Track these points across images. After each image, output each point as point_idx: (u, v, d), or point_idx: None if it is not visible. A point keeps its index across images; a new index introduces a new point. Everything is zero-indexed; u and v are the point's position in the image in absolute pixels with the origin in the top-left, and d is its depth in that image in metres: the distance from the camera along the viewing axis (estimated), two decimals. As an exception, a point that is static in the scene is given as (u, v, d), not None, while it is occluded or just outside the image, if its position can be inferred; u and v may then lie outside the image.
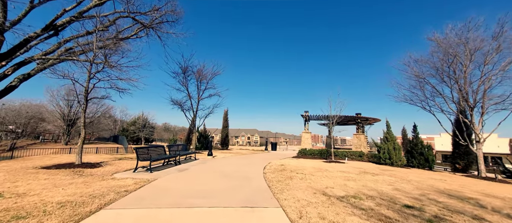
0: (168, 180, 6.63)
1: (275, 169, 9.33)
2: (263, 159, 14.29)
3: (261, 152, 20.63)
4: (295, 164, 11.45)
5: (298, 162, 12.90)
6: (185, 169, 8.73)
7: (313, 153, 17.46)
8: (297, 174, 8.29)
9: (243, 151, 21.78)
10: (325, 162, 13.00)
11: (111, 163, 9.48)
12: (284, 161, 13.37)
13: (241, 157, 15.19)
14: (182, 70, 16.58)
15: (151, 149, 9.10)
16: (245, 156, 16.19)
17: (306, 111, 19.47)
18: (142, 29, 12.12)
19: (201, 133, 22.57)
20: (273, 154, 19.65)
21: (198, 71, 17.08)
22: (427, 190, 6.48)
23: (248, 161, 12.39)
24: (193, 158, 12.44)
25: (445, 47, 11.06)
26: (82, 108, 8.30)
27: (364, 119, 19.46)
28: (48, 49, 9.41)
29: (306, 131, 19.69)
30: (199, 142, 21.99)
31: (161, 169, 8.55)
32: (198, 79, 17.23)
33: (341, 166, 11.25)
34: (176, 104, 16.63)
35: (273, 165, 10.75)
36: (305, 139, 19.24)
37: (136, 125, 50.74)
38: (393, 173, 9.62)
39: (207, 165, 10.12)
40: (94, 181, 6.05)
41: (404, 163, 13.52)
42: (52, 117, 42.03)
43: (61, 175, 6.67)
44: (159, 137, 79.05)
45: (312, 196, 5.21)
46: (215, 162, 11.35)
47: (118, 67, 9.12)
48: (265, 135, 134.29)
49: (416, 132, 14.90)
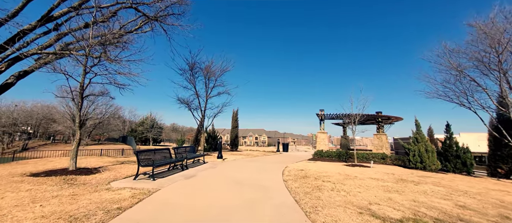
0: (173, 191, 5.51)
1: (296, 176, 8.07)
2: (278, 162, 13.05)
3: (273, 154, 19.39)
4: (316, 169, 10.13)
5: (317, 165, 11.57)
6: (192, 176, 7.62)
7: (330, 155, 16.05)
8: (324, 182, 7.00)
9: (254, 152, 20.61)
10: (348, 166, 11.60)
11: (111, 168, 8.49)
12: (302, 164, 12.07)
13: (253, 159, 14.00)
14: (189, 66, 15.58)
15: (154, 152, 8.04)
16: (257, 158, 15.00)
17: (322, 109, 18.07)
18: (146, 22, 11.16)
19: (209, 134, 21.56)
20: (286, 156, 18.36)
21: (206, 68, 16.03)
22: (505, 209, 5.05)
23: (262, 165, 11.18)
24: (202, 162, 11.35)
25: (492, 33, 9.46)
26: (77, 106, 7.34)
27: (385, 118, 17.84)
28: (44, 43, 8.54)
29: (322, 131, 18.27)
30: (207, 143, 20.99)
31: (166, 175, 7.46)
32: (206, 76, 16.19)
33: (369, 171, 9.85)
34: (183, 103, 15.66)
35: (292, 170, 9.49)
36: (321, 139, 17.83)
37: (144, 126, 50.58)
38: (436, 181, 8.14)
39: (218, 170, 8.98)
40: (84, 194, 5.00)
41: (439, 167, 11.93)
42: (62, 118, 42.27)
43: (48, 184, 5.67)
44: (167, 137, 79.19)
45: (360, 219, 3.92)
46: (226, 166, 10.20)
47: (118, 61, 8.11)
48: (272, 135, 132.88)
49: (450, 131, 13.23)
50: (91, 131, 47.92)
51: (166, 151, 8.82)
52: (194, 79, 15.96)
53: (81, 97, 7.41)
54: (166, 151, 8.82)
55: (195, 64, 15.55)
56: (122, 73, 7.87)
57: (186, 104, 15.58)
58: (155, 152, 8.12)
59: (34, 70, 8.18)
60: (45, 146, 43.70)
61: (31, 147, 42.88)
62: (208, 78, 16.28)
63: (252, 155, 17.40)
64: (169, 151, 9.01)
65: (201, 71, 16.20)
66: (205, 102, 16.12)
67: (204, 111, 16.15)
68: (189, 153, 11.13)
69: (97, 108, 46.84)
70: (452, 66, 11.38)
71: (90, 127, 46.04)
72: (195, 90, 15.92)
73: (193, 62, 15.37)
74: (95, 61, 7.39)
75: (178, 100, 15.54)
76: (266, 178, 7.56)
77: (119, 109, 54.38)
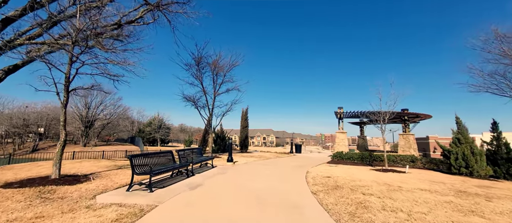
0: (172, 211, 4.14)
1: (325, 185, 6.55)
2: (296, 165, 11.53)
3: (286, 156, 17.85)
4: (343, 175, 8.55)
5: (343, 170, 9.97)
6: (199, 185, 6.25)
7: (351, 157, 14.36)
8: (366, 195, 5.45)
9: (265, 154, 19.14)
10: (379, 171, 9.94)
11: (105, 174, 7.25)
12: (324, 168, 10.51)
13: (267, 163, 12.54)
14: (195, 61, 14.30)
15: (154, 156, 6.73)
16: (271, 161, 13.53)
17: (340, 107, 16.39)
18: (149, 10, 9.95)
19: (217, 134, 20.27)
20: (301, 158, 16.79)
21: (214, 62, 14.71)
22: None
23: (280, 170, 9.70)
24: (210, 165, 9.99)
25: None
26: (62, 102, 6.12)
27: (413, 116, 15.92)
28: (34, 33, 7.42)
29: (341, 130, 16.56)
30: (215, 144, 19.70)
31: (167, 184, 6.13)
32: (213, 71, 14.86)
33: (409, 179, 8.18)
34: (189, 100, 14.39)
35: (316, 177, 7.97)
36: (340, 140, 16.14)
37: (152, 126, 50.11)
38: (508, 193, 6.41)
39: (229, 177, 7.58)
40: (53, 215, 3.70)
41: (489, 173, 10.06)
42: (71, 118, 42.24)
43: (14, 200, 4.43)
44: (176, 138, 78.97)
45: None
46: (238, 172, 8.80)
47: (113, 50, 6.86)
48: (280, 135, 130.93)
49: (497, 130, 11.29)
50: (100, 131, 47.94)
51: (168, 155, 7.51)
52: (201, 75, 14.70)
53: (67, 91, 6.19)
54: (168, 155, 7.51)
55: (202, 58, 14.27)
56: (116, 62, 6.60)
57: (193, 102, 14.32)
58: (155, 155, 6.81)
59: (26, 64, 7.07)
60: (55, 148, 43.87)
61: (41, 148, 43.06)
62: (216, 73, 14.98)
63: (264, 157, 15.94)
64: (171, 154, 7.69)
65: (208, 66, 14.92)
66: (213, 99, 14.81)
67: (212, 109, 14.84)
68: (196, 155, 9.82)
69: (106, 108, 46.84)
70: (505, 54, 9.52)
71: (98, 127, 46.01)
72: (202, 86, 14.65)
73: (199, 56, 14.09)
74: (83, 47, 6.14)
75: (184, 98, 14.31)
76: (290, 189, 6.09)
77: (127, 110, 54.30)
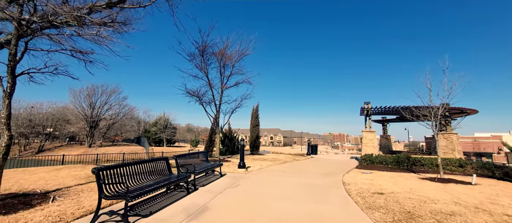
0: None
1: (386, 209, 4.37)
2: (323, 173, 9.37)
3: (303, 158, 15.67)
4: (398, 189, 6.32)
5: (388, 180, 7.72)
6: (201, 211, 4.21)
7: (385, 161, 12.01)
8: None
9: (279, 156, 17.00)
10: (436, 182, 7.64)
11: (74, 191, 5.31)
12: (361, 177, 8.29)
13: (285, 168, 10.42)
14: (199, 50, 12.30)
15: (137, 167, 4.74)
16: (289, 165, 11.40)
17: (367, 102, 14.07)
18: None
19: (225, 134, 18.30)
20: (323, 161, 14.59)
21: (221, 51, 12.67)
22: None
23: (306, 179, 7.57)
24: (218, 173, 7.98)
25: None
26: (4, 91, 4.21)
27: (456, 111, 13.34)
28: None
29: (369, 129, 14.17)
30: (223, 144, 17.74)
31: (156, 209, 4.13)
32: (220, 61, 12.83)
33: (500, 197, 5.87)
34: (193, 95, 12.40)
35: (362, 191, 5.80)
36: (368, 140, 13.79)
37: (158, 126, 48.87)
38: None
39: (243, 193, 5.52)
40: None
41: None
42: (76, 119, 41.42)
43: None
44: (182, 138, 77.99)
45: None
46: (253, 183, 6.73)
47: (87, 24, 4.91)
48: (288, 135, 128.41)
49: None
50: (105, 132, 47.02)
51: (161, 164, 5.51)
52: (206, 66, 12.70)
53: (12, 75, 4.27)
54: (161, 164, 5.51)
55: (207, 46, 12.26)
56: (84, 35, 4.64)
57: (197, 96, 12.34)
58: (139, 165, 4.82)
59: None
60: (61, 148, 43.15)
61: (48, 149, 42.50)
62: (223, 64, 12.94)
63: (280, 160, 13.82)
64: (166, 163, 5.70)
65: (214, 56, 12.91)
66: (220, 94, 12.78)
67: (219, 105, 12.82)
68: (200, 160, 7.83)
69: (111, 108, 45.82)
70: None
71: (103, 128, 45.05)
72: (208, 79, 12.64)
73: (203, 43, 12.09)
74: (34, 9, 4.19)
75: (187, 93, 12.35)
76: (338, 217, 3.96)
77: (133, 110, 53.30)
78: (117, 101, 43.86)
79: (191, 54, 12.51)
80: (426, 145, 38.56)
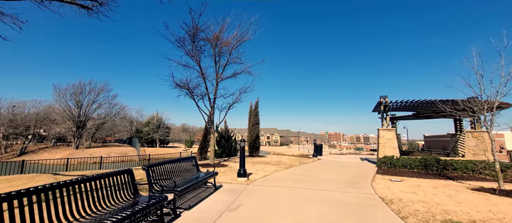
0: None
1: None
2: (345, 182, 7.49)
3: (310, 161, 13.82)
4: (483, 213, 4.48)
5: (446, 194, 5.89)
6: None
7: (409, 164, 10.20)
8: None
9: (282, 158, 15.09)
10: (497, 196, 5.85)
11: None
12: (399, 189, 6.44)
13: (295, 174, 8.52)
14: (189, 34, 10.29)
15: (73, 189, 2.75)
16: (298, 170, 9.50)
17: (384, 96, 12.27)
18: None
19: (221, 134, 16.32)
20: (333, 164, 12.75)
21: (215, 36, 10.69)
22: None
23: (327, 193, 5.67)
24: (211, 185, 6.02)
25: None
26: None
27: (488, 106, 11.67)
28: None
29: (387, 128, 12.33)
30: (219, 145, 15.76)
31: None
32: (215, 48, 10.84)
33: None
34: (182, 87, 10.37)
35: (421, 218, 3.93)
36: (386, 140, 11.97)
37: (150, 126, 46.45)
38: None
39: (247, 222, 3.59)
40: None
41: None
42: (61, 118, 38.75)
43: None
44: (177, 138, 75.59)
45: None
46: (261, 202, 4.80)
47: None
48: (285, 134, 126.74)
49: None
50: (94, 132, 44.36)
51: (117, 181, 3.53)
52: (198, 53, 10.68)
53: None
54: (117, 181, 3.53)
55: (199, 30, 10.26)
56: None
57: (187, 89, 10.32)
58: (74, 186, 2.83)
59: None
60: (45, 150, 40.39)
61: (31, 151, 39.70)
62: (218, 52, 10.94)
63: (284, 163, 11.92)
64: (129, 179, 3.72)
65: (208, 43, 10.91)
66: (216, 86, 10.78)
67: (214, 99, 10.83)
68: (187, 171, 5.89)
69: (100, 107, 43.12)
70: None
71: (91, 128, 42.41)
72: (200, 68, 10.61)
73: (195, 26, 10.08)
74: None
75: (175, 84, 10.31)
76: None
77: (124, 109, 50.68)
78: (106, 100, 41.28)
79: (181, 39, 10.49)
80: (425, 144, 37.19)
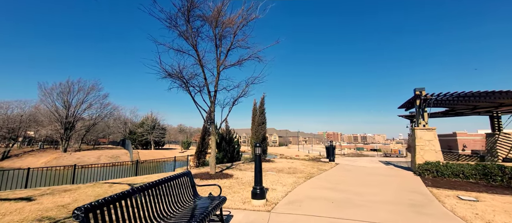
0: None
1: None
2: (398, 203, 5.41)
3: (329, 167, 11.73)
4: None
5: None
6: None
7: (462, 172, 8.11)
8: None
9: (294, 163, 12.95)
10: None
11: None
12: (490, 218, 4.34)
13: (325, 189, 6.40)
14: (181, 11, 8.08)
15: None
16: (323, 181, 7.37)
17: (420, 88, 10.13)
18: None
19: (222, 135, 14.07)
20: (355, 171, 10.69)
21: (214, 15, 8.50)
22: None
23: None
24: (217, 220, 3.81)
25: None
26: None
27: None
28: None
29: (426, 127, 10.20)
30: (219, 149, 13.53)
31: None
32: (215, 28, 8.63)
33: None
34: (174, 76, 8.12)
35: None
36: (425, 142, 9.82)
37: (145, 127, 43.92)
38: None
39: None
40: None
41: None
42: (48, 119, 36.07)
43: None
44: (174, 139, 72.98)
45: None
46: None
47: None
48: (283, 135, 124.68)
49: None
50: (84, 134, 41.70)
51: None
52: (195, 36, 8.47)
53: None
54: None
55: (194, 5, 8.03)
56: None
57: (180, 78, 8.09)
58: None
59: None
60: (30, 154, 37.67)
61: (15, 155, 36.97)
62: (219, 33, 8.73)
63: (301, 171, 9.78)
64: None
65: (206, 22, 8.69)
66: (217, 76, 8.56)
67: (215, 92, 8.59)
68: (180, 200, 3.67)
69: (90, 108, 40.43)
70: None
71: (81, 129, 39.76)
72: (197, 53, 8.38)
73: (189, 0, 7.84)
74: None
75: (165, 73, 8.05)
76: None
77: (117, 109, 48.04)
78: (97, 99, 38.68)
79: (171, 17, 8.23)
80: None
